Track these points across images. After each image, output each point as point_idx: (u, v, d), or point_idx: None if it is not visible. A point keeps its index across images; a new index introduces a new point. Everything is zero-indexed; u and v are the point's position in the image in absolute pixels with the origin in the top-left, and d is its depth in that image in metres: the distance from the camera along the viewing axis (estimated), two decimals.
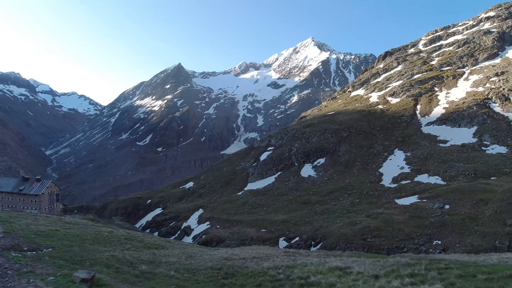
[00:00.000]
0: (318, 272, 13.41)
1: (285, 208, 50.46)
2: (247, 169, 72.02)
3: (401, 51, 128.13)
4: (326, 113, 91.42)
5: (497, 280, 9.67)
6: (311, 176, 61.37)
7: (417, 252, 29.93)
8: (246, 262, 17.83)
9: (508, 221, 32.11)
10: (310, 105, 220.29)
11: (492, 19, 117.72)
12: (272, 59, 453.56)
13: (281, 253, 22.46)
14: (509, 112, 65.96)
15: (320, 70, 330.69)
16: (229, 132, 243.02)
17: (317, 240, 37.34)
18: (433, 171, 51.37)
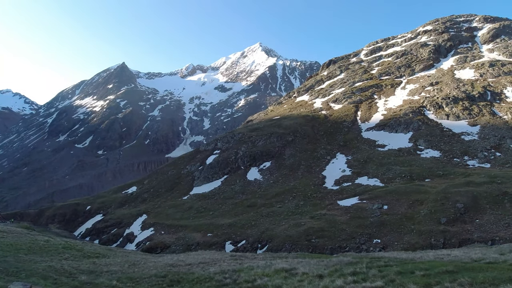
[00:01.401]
0: (264, 275, 13.56)
1: (232, 212, 50.42)
2: (193, 173, 71.01)
3: (344, 60, 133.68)
4: (272, 117, 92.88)
5: (434, 276, 10.37)
6: (257, 179, 61.91)
7: (358, 251, 31.30)
8: (192, 268, 17.58)
9: (442, 220, 34.67)
10: (256, 109, 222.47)
11: (429, 32, 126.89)
12: (220, 62, 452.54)
13: (228, 257, 22.40)
14: (442, 119, 71.45)
15: (267, 75, 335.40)
16: (175, 135, 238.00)
17: (263, 242, 37.71)
18: (372, 173, 54.02)
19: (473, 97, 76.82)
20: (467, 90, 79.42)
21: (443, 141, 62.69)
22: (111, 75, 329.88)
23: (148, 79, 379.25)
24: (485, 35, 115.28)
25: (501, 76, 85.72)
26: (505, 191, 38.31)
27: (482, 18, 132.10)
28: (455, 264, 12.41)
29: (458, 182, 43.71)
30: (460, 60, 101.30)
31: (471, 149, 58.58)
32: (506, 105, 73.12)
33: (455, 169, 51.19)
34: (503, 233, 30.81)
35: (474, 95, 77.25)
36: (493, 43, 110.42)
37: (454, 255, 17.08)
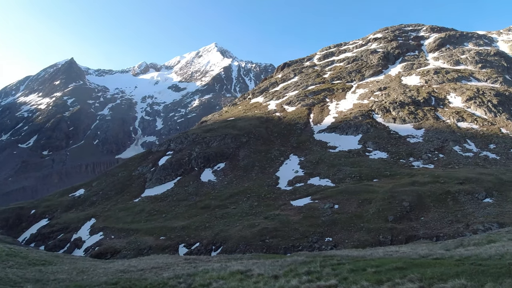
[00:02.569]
0: (220, 278, 13.34)
1: (185, 214, 49.48)
2: (144, 175, 68.92)
3: (298, 63, 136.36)
4: (227, 118, 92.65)
5: (384, 272, 10.68)
6: (211, 180, 61.32)
7: (311, 249, 31.86)
8: (144, 274, 16.93)
9: (390, 218, 36.32)
10: (211, 110, 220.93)
11: (379, 40, 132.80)
12: (174, 61, 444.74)
13: (182, 260, 21.89)
14: (389, 122, 74.91)
15: (222, 76, 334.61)
16: (125, 135, 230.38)
17: (218, 244, 37.33)
18: (324, 174, 55.37)
19: (418, 102, 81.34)
20: (413, 96, 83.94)
21: (390, 143, 65.68)
22: (59, 71, 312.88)
23: (98, 76, 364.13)
24: (431, 44, 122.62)
25: (445, 83, 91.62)
26: (447, 190, 40.86)
27: (429, 28, 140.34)
28: (404, 260, 12.87)
29: (404, 182, 45.95)
30: (407, 67, 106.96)
31: (416, 151, 61.84)
32: (449, 110, 78.12)
33: (401, 170, 53.79)
34: (447, 230, 32.77)
35: (419, 100, 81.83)
36: (438, 51, 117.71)
37: (402, 251, 17.80)
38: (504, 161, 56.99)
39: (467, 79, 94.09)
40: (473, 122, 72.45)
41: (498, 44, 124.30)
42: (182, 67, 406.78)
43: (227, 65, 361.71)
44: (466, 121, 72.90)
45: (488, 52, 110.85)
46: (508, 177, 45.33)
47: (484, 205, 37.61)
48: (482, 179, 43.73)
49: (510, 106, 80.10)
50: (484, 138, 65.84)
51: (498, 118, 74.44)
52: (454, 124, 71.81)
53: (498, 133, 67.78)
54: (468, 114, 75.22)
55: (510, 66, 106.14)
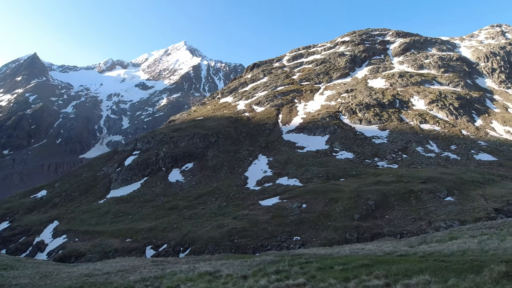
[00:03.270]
0: (188, 280, 13.11)
1: (152, 215, 48.49)
2: (109, 175, 67.04)
3: (267, 64, 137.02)
4: (195, 118, 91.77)
5: (351, 270, 10.83)
6: (179, 181, 60.49)
7: (279, 248, 32.03)
8: (110, 277, 16.39)
9: (356, 216, 37.15)
10: (179, 109, 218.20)
11: (347, 43, 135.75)
12: (142, 58, 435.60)
13: (149, 263, 21.39)
14: (355, 123, 76.81)
15: (191, 75, 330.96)
16: (90, 134, 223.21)
17: (186, 245, 36.82)
18: (292, 174, 55.92)
19: (383, 104, 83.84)
20: (378, 98, 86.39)
21: (356, 143, 67.25)
22: (21, 67, 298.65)
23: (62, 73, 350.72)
24: (397, 49, 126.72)
25: (409, 86, 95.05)
26: (411, 189, 42.29)
27: (394, 32, 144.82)
28: (370, 257, 13.14)
29: (369, 181, 47.14)
30: (373, 70, 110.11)
31: (381, 151, 63.64)
32: (412, 112, 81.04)
33: (367, 170, 55.19)
34: (410, 227, 33.90)
35: (384, 103, 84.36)
36: (403, 56, 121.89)
37: (368, 249, 18.18)
38: (464, 161, 59.64)
39: (430, 83, 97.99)
40: (435, 124, 75.47)
41: (460, 50, 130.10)
42: (150, 65, 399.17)
43: (196, 64, 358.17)
44: (429, 123, 75.85)
45: (451, 57, 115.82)
46: (469, 176, 47.48)
47: (445, 203, 39.17)
48: (443, 178, 45.55)
49: (470, 109, 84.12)
50: (446, 140, 68.73)
51: (459, 121, 77.98)
52: (417, 126, 74.51)
53: (459, 135, 70.97)
54: (430, 116, 78.28)
55: (472, 71, 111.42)
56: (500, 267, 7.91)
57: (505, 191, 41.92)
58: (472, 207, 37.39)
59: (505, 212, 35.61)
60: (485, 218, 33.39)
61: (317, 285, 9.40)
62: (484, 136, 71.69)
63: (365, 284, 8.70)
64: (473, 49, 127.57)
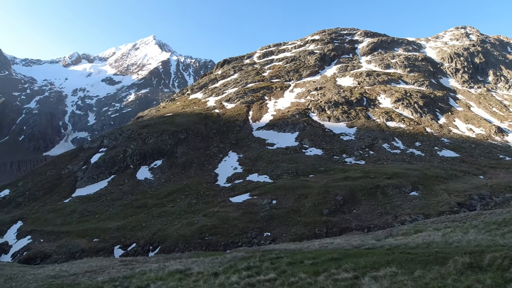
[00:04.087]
0: (158, 279, 12.91)
1: (120, 214, 47.39)
2: (75, 173, 64.91)
3: (238, 60, 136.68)
4: (165, 114, 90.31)
5: (321, 264, 11.01)
6: (148, 178, 59.41)
7: (250, 245, 32.15)
8: (77, 278, 15.89)
9: (325, 211, 37.87)
10: (148, 105, 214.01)
11: (317, 42, 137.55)
12: (109, 52, 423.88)
13: (117, 263, 20.89)
14: (324, 121, 78.13)
15: (160, 70, 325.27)
16: (54, 131, 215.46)
17: (156, 244, 36.25)
18: (262, 170, 56.18)
19: (351, 102, 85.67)
20: (347, 96, 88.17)
21: (325, 140, 68.41)
22: None
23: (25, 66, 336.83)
24: (365, 48, 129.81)
25: (376, 85, 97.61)
26: (377, 184, 43.50)
27: (363, 32, 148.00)
28: (339, 251, 13.39)
29: (337, 177, 48.10)
30: (341, 68, 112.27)
31: (348, 148, 65.03)
32: (379, 110, 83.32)
33: (335, 166, 56.26)
34: (377, 221, 34.91)
35: (352, 101, 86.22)
36: (371, 55, 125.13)
37: (337, 243, 18.54)
38: (428, 157, 61.94)
39: (396, 82, 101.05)
40: (401, 121, 77.96)
41: (426, 50, 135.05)
42: (117, 59, 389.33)
43: (166, 59, 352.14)
44: (395, 120, 78.25)
45: (416, 57, 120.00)
46: (432, 172, 49.42)
47: (410, 198, 40.60)
48: (408, 174, 47.15)
49: (434, 108, 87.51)
50: (411, 137, 71.15)
51: (424, 118, 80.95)
52: (384, 123, 76.67)
53: (423, 132, 73.67)
54: (396, 114, 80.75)
55: (436, 70, 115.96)
56: (464, 258, 8.22)
57: (467, 186, 43.92)
58: (436, 201, 38.94)
59: (467, 206, 37.29)
60: (448, 212, 34.83)
61: (288, 279, 9.49)
62: (447, 134, 74.77)
63: (335, 277, 8.86)
64: (438, 50, 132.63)
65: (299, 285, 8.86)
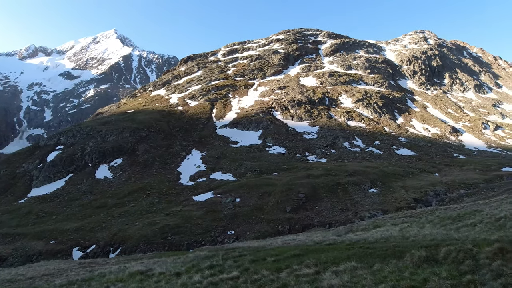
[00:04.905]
0: (118, 280, 12.57)
1: (79, 215, 45.67)
2: (30, 172, 61.89)
3: (202, 57, 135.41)
4: (125, 111, 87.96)
5: (283, 260, 11.15)
6: (108, 177, 57.66)
7: (214, 243, 32.03)
8: (34, 282, 15.19)
9: (288, 209, 38.50)
10: (108, 101, 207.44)
11: (281, 41, 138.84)
12: (68, 46, 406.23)
13: (76, 265, 20.15)
14: (287, 119, 79.12)
15: (121, 65, 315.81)
16: (8, 127, 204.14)
17: (116, 245, 35.24)
18: (226, 168, 56.09)
19: (314, 101, 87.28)
20: (310, 95, 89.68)
21: (288, 139, 69.29)
22: None
23: None
24: (328, 49, 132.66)
25: (338, 85, 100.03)
26: (338, 181, 44.67)
27: (326, 33, 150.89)
28: (301, 248, 13.62)
29: (300, 175, 48.91)
30: (305, 68, 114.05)
31: (311, 146, 66.26)
32: (340, 109, 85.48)
33: (298, 164, 57.16)
34: (338, 217, 35.88)
35: (315, 100, 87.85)
36: (333, 56, 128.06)
37: (299, 239, 18.86)
38: (386, 156, 64.25)
39: (357, 83, 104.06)
40: (361, 121, 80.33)
41: (386, 53, 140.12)
42: (76, 53, 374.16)
43: (127, 54, 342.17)
44: (355, 120, 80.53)
45: (377, 59, 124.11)
46: (390, 169, 51.36)
47: (369, 194, 42.03)
48: (368, 171, 48.72)
49: (393, 108, 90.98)
50: (370, 136, 73.49)
51: (382, 118, 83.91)
52: (345, 122, 78.69)
53: (382, 131, 76.35)
54: (356, 114, 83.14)
55: (395, 72, 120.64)
56: (420, 252, 8.59)
57: (423, 182, 46.05)
58: (394, 197, 40.54)
59: (423, 202, 39.13)
60: (405, 207, 36.37)
61: (251, 277, 9.54)
62: (405, 133, 77.92)
63: (297, 273, 9.00)
64: (397, 52, 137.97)
65: (262, 282, 8.92)
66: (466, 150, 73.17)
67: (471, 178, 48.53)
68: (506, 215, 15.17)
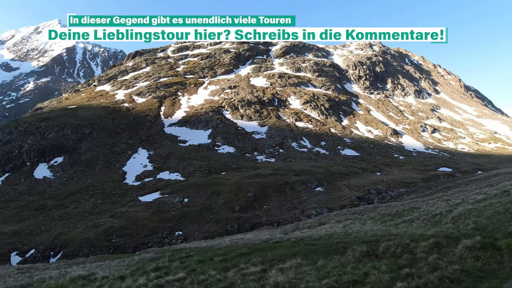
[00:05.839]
0: (58, 286, 11.97)
1: (16, 217, 42.62)
2: None
3: (151, 53, 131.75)
4: (67, 106, 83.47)
5: (230, 259, 11.20)
6: (47, 177, 54.44)
7: (161, 245, 31.39)
8: None
9: (236, 208, 38.75)
10: (48, 95, 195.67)
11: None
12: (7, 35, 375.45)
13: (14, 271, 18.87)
14: (237, 119, 79.36)
15: (64, 57, 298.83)
16: None
17: (57, 249, 33.36)
18: (174, 168, 55.18)
19: (264, 102, 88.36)
20: (259, 96, 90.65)
21: (237, 138, 69.60)
22: None
23: None
24: (278, 51, 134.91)
25: (287, 86, 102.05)
26: (286, 180, 45.68)
27: None
28: (248, 246, 13.77)
29: (249, 174, 49.37)
30: (256, 69, 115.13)
31: (260, 146, 67.07)
32: (289, 110, 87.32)
33: (247, 163, 57.63)
34: (286, 216, 36.70)
35: (264, 100, 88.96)
36: (283, 58, 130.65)
37: (247, 238, 19.06)
38: (332, 156, 66.60)
39: (306, 85, 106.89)
40: (309, 122, 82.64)
41: (333, 57, 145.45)
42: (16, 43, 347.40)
43: (71, 46, 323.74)
44: (303, 121, 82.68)
45: (325, 63, 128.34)
46: (336, 169, 53.36)
47: (316, 193, 43.39)
48: (314, 171, 50.26)
49: (339, 110, 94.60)
50: (317, 136, 75.83)
51: (329, 120, 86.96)
52: (293, 123, 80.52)
53: (328, 132, 79.09)
54: (304, 115, 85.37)
55: (342, 76, 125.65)
56: (362, 247, 8.99)
57: (366, 181, 48.36)
58: (339, 196, 42.21)
59: (366, 200, 41.15)
60: (349, 205, 38.00)
61: (198, 277, 9.50)
62: (349, 134, 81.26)
63: (243, 272, 9.10)
64: (344, 57, 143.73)
65: (208, 282, 8.93)
66: (405, 151, 77.79)
67: (410, 177, 51.84)
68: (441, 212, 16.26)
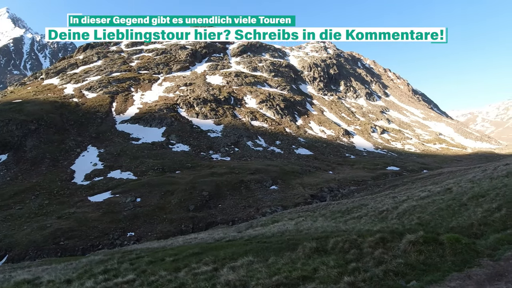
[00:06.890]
0: None
1: None
2: None
3: (103, 46, 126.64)
4: (12, 100, 78.27)
5: (182, 259, 11.08)
6: None
7: (112, 246, 30.35)
8: None
9: (191, 207, 38.32)
10: None
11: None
12: None
13: None
14: (192, 117, 78.33)
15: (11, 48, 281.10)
16: None
17: (2, 253, 31.16)
18: (126, 167, 53.51)
19: (220, 100, 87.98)
20: (215, 94, 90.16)
21: (192, 136, 68.80)
22: None
23: None
24: (235, 50, 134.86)
25: (244, 85, 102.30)
26: (241, 179, 45.85)
27: None
28: (201, 246, 13.69)
29: (204, 173, 49.03)
30: (212, 67, 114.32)
31: (215, 144, 66.73)
32: (245, 109, 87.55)
33: (202, 162, 57.18)
34: (241, 214, 36.82)
35: (220, 99, 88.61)
36: (240, 57, 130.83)
37: (200, 237, 18.92)
38: (286, 155, 67.66)
39: (262, 85, 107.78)
40: (264, 121, 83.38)
41: (289, 58, 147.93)
42: None
43: (18, 36, 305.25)
44: (259, 120, 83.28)
45: (281, 64, 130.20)
46: (290, 168, 54.27)
47: (270, 191, 43.93)
48: (269, 169, 50.83)
49: (293, 110, 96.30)
50: (272, 135, 76.68)
51: (284, 120, 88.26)
52: (249, 122, 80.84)
53: (283, 132, 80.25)
54: (260, 114, 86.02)
55: (297, 77, 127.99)
56: (311, 243, 9.21)
57: (318, 180, 49.63)
58: (293, 194, 43.00)
59: (319, 197, 42.26)
60: (303, 203, 38.84)
61: (148, 279, 9.31)
62: (303, 134, 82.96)
63: (195, 272, 9.03)
64: (300, 59, 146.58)
65: (159, 283, 8.78)
66: (356, 150, 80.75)
67: (360, 176, 53.88)
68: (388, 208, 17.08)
